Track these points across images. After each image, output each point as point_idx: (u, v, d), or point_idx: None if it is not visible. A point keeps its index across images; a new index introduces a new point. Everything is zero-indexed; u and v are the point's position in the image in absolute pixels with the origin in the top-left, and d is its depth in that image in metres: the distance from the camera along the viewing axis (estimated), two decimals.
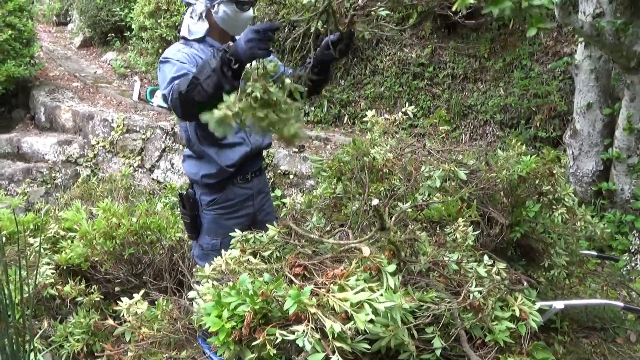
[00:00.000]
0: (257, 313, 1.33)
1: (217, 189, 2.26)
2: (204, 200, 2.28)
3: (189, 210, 2.29)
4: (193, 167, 2.26)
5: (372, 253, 1.42)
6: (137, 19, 6.99)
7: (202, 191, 2.28)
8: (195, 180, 2.28)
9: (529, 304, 1.62)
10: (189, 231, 2.37)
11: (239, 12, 2.09)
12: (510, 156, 2.35)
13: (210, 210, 2.29)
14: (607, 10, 4.03)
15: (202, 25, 2.12)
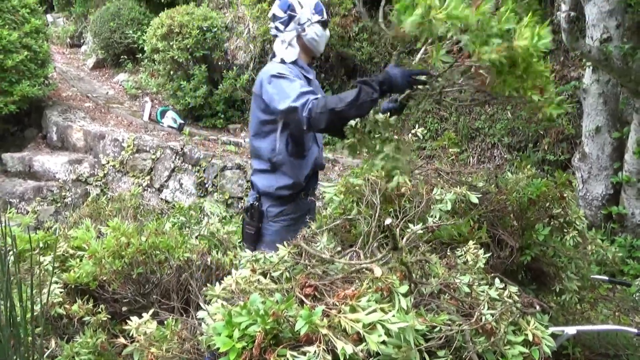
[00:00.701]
0: (268, 333, 1.33)
1: (287, 200, 2.44)
2: (271, 212, 2.44)
3: (256, 222, 2.44)
4: (267, 180, 2.42)
5: (384, 274, 1.42)
6: (150, 41, 7.13)
7: (271, 203, 2.44)
8: (268, 193, 2.43)
9: (542, 329, 1.60)
10: (250, 242, 2.49)
11: (324, 32, 2.42)
12: (520, 179, 2.35)
13: (277, 221, 2.45)
14: (614, 35, 4.07)
15: (292, 50, 2.38)
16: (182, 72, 7.26)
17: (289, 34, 2.37)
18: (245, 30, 8.13)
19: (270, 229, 2.46)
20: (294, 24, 2.35)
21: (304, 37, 2.36)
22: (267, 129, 2.39)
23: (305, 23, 2.35)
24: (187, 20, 6.98)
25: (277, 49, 2.42)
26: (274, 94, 2.21)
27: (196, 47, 6.96)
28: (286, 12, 2.36)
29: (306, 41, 2.38)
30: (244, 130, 7.51)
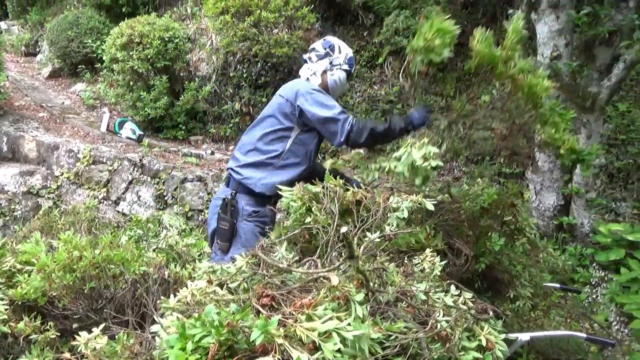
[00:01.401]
0: (222, 344, 1.30)
1: (265, 201, 2.58)
2: (246, 211, 2.57)
3: (230, 217, 2.56)
4: (256, 173, 2.58)
5: (341, 282, 1.42)
6: (109, 50, 6.97)
7: (247, 201, 2.58)
8: (249, 188, 2.57)
9: (495, 334, 1.63)
10: (224, 239, 2.58)
11: (345, 82, 2.76)
12: (475, 190, 2.42)
13: (251, 221, 2.58)
14: (563, 53, 4.27)
15: (315, 79, 2.71)
16: (142, 82, 7.12)
17: (318, 66, 2.69)
18: (208, 42, 8.08)
19: (244, 227, 2.57)
20: (327, 61, 2.69)
21: (329, 75, 2.69)
22: (280, 134, 2.60)
23: (336, 65, 2.69)
24: (148, 30, 6.87)
25: (303, 74, 2.75)
26: (315, 103, 2.49)
27: (157, 57, 6.86)
28: (325, 49, 2.71)
29: (329, 79, 2.70)
30: (206, 142, 7.42)
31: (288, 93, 2.61)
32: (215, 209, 2.67)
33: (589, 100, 4.09)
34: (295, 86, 2.62)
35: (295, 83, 2.69)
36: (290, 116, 2.59)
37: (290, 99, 2.58)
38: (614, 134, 5.43)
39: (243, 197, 2.60)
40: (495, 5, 7.06)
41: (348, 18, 7.68)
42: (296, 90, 2.57)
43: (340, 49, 2.72)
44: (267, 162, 2.60)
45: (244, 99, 7.48)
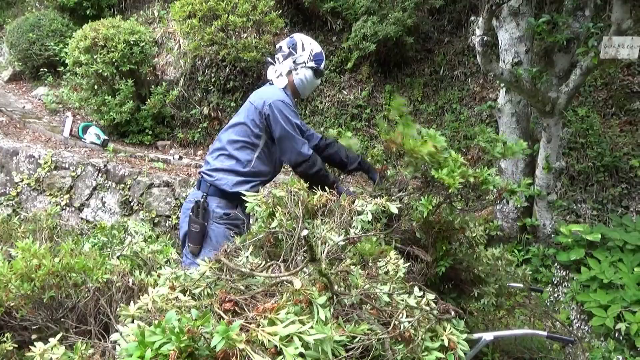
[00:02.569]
0: (182, 351, 1.28)
1: (235, 205, 2.58)
2: (217, 213, 2.58)
3: (201, 220, 2.56)
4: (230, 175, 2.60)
5: (303, 286, 1.41)
6: (72, 54, 6.78)
7: (218, 203, 2.59)
8: (222, 190, 2.58)
9: (457, 334, 1.66)
10: (195, 242, 2.59)
11: (314, 79, 2.72)
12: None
13: (222, 224, 2.59)
14: (524, 60, 4.41)
15: (282, 80, 2.67)
16: (107, 86, 6.96)
17: (283, 67, 2.66)
18: (176, 46, 7.97)
19: (215, 230, 2.58)
20: (291, 60, 2.65)
21: (295, 75, 2.67)
22: (250, 141, 2.62)
23: (300, 64, 2.65)
24: (113, 33, 6.73)
25: (270, 76, 2.72)
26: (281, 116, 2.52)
27: (122, 61, 6.72)
28: (289, 48, 2.67)
29: (295, 79, 2.67)
30: (174, 147, 7.31)
31: (257, 101, 2.61)
32: (187, 212, 2.66)
33: (549, 104, 4.22)
34: (265, 94, 2.62)
35: (265, 91, 2.68)
36: (259, 125, 2.60)
37: (259, 107, 2.58)
38: (574, 137, 5.62)
39: (214, 199, 2.61)
40: (461, 13, 7.22)
41: (317, 23, 7.72)
42: (265, 99, 2.57)
43: (304, 46, 2.67)
44: (236, 170, 2.62)
45: (212, 103, 7.41)
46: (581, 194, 5.41)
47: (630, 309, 3.69)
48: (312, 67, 2.67)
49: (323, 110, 7.24)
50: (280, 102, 2.55)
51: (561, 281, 4.33)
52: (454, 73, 7.05)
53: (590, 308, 3.82)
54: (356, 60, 7.07)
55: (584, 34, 4.23)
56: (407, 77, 7.19)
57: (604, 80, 6.07)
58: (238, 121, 2.67)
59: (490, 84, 6.72)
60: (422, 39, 7.32)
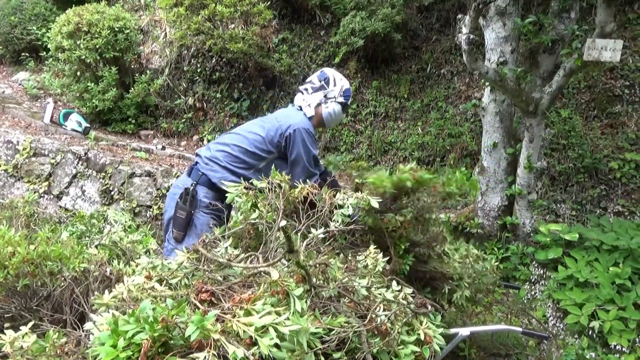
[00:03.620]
0: (156, 341, 1.26)
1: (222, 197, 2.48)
2: (203, 202, 2.61)
3: (188, 207, 2.59)
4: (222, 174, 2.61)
5: (281, 277, 1.41)
6: (55, 39, 6.63)
7: (206, 193, 2.62)
8: (212, 183, 2.60)
9: (434, 328, 1.67)
10: (180, 228, 2.61)
11: (341, 114, 2.85)
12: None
13: (207, 212, 2.61)
14: (509, 59, 4.44)
15: (309, 110, 2.78)
16: (90, 73, 6.83)
17: (313, 99, 2.78)
18: (162, 35, 7.86)
19: (201, 218, 2.61)
20: (322, 94, 2.77)
21: (324, 108, 2.78)
22: (259, 154, 2.66)
23: (330, 98, 2.78)
24: (97, 19, 6.59)
25: (297, 102, 2.84)
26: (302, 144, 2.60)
27: (106, 47, 6.59)
28: (320, 82, 2.79)
29: (323, 112, 2.79)
30: (157, 137, 7.22)
31: (284, 122, 2.68)
32: (174, 197, 2.68)
33: (532, 105, 4.26)
34: (294, 119, 2.70)
35: (294, 115, 2.76)
36: (276, 143, 2.66)
37: (283, 127, 2.65)
38: (556, 138, 5.69)
39: (203, 188, 2.64)
40: (449, 11, 7.25)
41: (305, 17, 7.67)
42: (291, 123, 2.65)
43: (336, 82, 2.80)
44: (234, 170, 2.65)
45: (197, 94, 7.33)
46: (561, 194, 5.49)
47: (604, 307, 3.77)
48: (341, 102, 2.81)
49: None
50: (305, 130, 2.64)
51: (539, 279, 4.39)
52: (441, 71, 7.08)
53: (565, 306, 3.88)
54: (344, 55, 7.05)
55: (568, 35, 4.27)
56: (394, 74, 7.20)
57: (587, 83, 6.16)
58: (257, 132, 2.71)
59: (476, 83, 6.76)
60: (410, 36, 7.33)
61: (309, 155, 2.63)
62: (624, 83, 5.92)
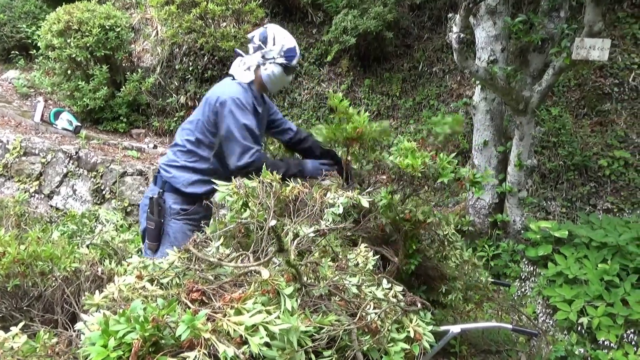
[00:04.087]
0: (147, 340, 1.26)
1: (194, 200, 2.51)
2: (174, 209, 2.49)
3: (156, 217, 2.46)
4: (185, 173, 2.49)
5: (272, 276, 1.42)
6: (45, 37, 6.59)
7: (175, 199, 2.49)
8: (177, 188, 2.48)
9: (423, 326, 1.68)
10: (152, 239, 2.49)
11: (283, 76, 2.54)
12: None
13: (180, 219, 2.49)
14: (499, 58, 4.47)
15: (248, 74, 2.52)
16: (81, 71, 6.80)
17: (251, 60, 2.51)
18: (153, 33, 7.83)
19: (173, 226, 2.49)
20: (259, 54, 2.49)
21: (263, 70, 2.50)
22: (208, 140, 2.50)
23: (269, 59, 2.48)
24: (88, 17, 6.56)
25: (235, 68, 2.56)
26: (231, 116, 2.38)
27: (97, 46, 6.56)
28: (259, 41, 2.50)
29: (262, 74, 2.51)
30: (149, 136, 7.20)
31: (212, 96, 2.48)
32: (145, 207, 2.57)
33: (522, 103, 4.30)
34: (220, 90, 2.49)
35: (221, 86, 2.54)
36: (212, 121, 2.47)
37: (212, 103, 2.46)
38: (547, 136, 5.75)
39: (170, 195, 2.51)
40: (441, 10, 7.27)
41: (297, 15, 7.67)
42: (218, 95, 2.44)
43: (275, 40, 2.48)
44: (193, 167, 2.51)
45: (189, 92, 7.31)
46: (551, 192, 5.55)
47: (593, 303, 3.81)
48: (281, 64, 2.49)
49: (301, 102, 7.22)
50: (233, 100, 2.39)
51: (529, 276, 4.43)
52: (433, 69, 7.11)
53: (555, 302, 3.92)
54: (336, 54, 7.06)
55: (558, 34, 4.31)
56: (386, 72, 7.22)
57: (577, 81, 6.21)
58: (196, 118, 2.54)
59: (467, 81, 6.80)
60: (402, 34, 7.35)
61: (239, 126, 2.37)
62: (613, 81, 5.98)
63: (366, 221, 2.15)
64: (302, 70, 7.37)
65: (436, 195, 2.56)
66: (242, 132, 2.37)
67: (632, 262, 4.02)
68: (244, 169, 2.33)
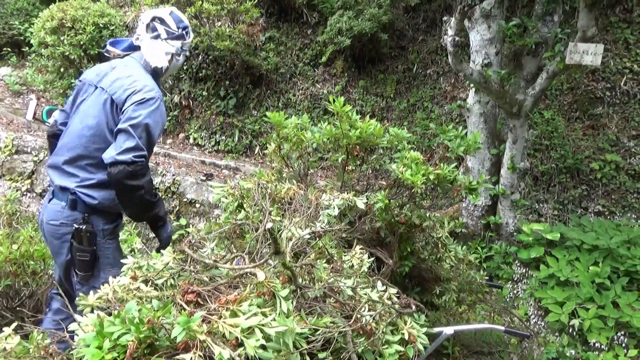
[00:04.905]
0: (142, 342, 1.26)
1: (119, 213, 2.25)
2: (107, 229, 2.18)
3: (88, 245, 2.11)
4: (108, 192, 2.12)
5: (267, 278, 1.42)
6: (38, 34, 6.54)
7: (106, 220, 2.18)
8: (105, 207, 2.15)
9: (418, 327, 1.69)
10: (86, 270, 2.13)
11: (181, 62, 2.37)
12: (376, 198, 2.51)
13: (113, 238, 2.23)
14: (494, 61, 4.49)
15: (163, 60, 2.26)
16: (74, 69, 6.75)
17: (170, 47, 2.26)
18: None
19: (109, 248, 2.19)
20: (180, 43, 2.29)
21: (177, 60, 2.31)
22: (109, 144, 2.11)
23: (185, 51, 2.34)
24: (82, 15, 6.52)
25: (149, 51, 2.25)
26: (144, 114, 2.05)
27: (91, 44, 6.52)
28: (178, 30, 2.28)
29: (174, 65, 2.31)
30: None
31: (127, 92, 2.10)
32: (64, 237, 2.13)
33: (516, 106, 4.33)
34: (141, 84, 2.12)
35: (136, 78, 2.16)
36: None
37: (119, 99, 2.10)
38: (539, 139, 5.79)
39: (98, 218, 2.15)
40: (436, 12, 7.31)
41: (293, 15, 7.67)
42: (138, 90, 2.10)
43: (190, 33, 2.33)
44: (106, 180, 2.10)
45: (183, 91, 7.28)
46: (543, 194, 5.59)
47: (584, 305, 3.85)
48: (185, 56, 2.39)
49: (296, 102, 7.22)
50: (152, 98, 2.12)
51: (521, 278, 4.46)
52: (427, 71, 7.13)
53: (547, 304, 3.95)
54: (331, 55, 7.06)
55: (552, 39, 4.35)
56: (381, 74, 7.23)
57: (569, 85, 6.26)
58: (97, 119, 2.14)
59: (461, 84, 6.83)
60: (396, 36, 7.37)
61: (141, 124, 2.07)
62: (605, 85, 6.04)
63: (361, 223, 2.15)
64: (296, 70, 7.37)
65: (430, 199, 2.58)
66: (140, 132, 2.03)
67: (623, 265, 4.06)
68: (133, 164, 1.96)
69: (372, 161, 2.55)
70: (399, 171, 2.12)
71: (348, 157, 2.50)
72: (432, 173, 2.13)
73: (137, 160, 1.98)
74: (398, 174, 2.11)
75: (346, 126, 2.36)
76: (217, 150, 7.05)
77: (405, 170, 2.10)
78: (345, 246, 2.16)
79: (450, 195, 2.48)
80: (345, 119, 2.37)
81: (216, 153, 7.01)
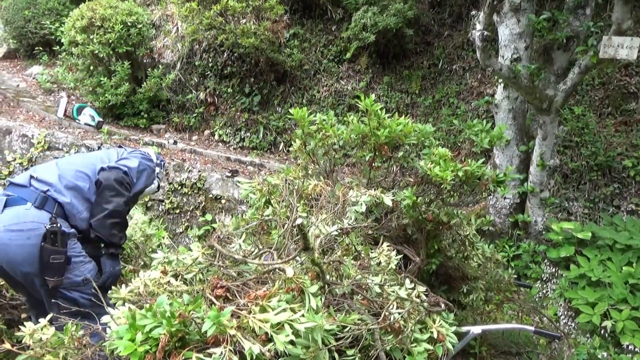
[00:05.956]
0: (173, 336, 1.28)
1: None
2: (72, 234, 2.19)
3: (62, 246, 2.08)
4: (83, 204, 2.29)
5: (296, 274, 1.42)
6: (68, 33, 6.70)
7: (66, 225, 2.20)
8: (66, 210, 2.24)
9: (446, 326, 1.67)
10: (58, 274, 2.07)
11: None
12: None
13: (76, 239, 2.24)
14: (523, 56, 4.39)
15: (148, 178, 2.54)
16: (103, 67, 6.89)
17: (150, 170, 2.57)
18: (174, 29, 7.89)
19: (76, 247, 2.19)
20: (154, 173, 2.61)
21: (151, 187, 2.59)
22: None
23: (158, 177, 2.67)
24: (110, 13, 6.64)
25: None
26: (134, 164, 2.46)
27: (119, 42, 6.64)
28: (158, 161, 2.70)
29: (151, 187, 2.59)
30: (169, 131, 7.27)
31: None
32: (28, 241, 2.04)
33: (546, 102, 4.23)
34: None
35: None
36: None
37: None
38: (569, 136, 5.64)
39: (63, 220, 2.17)
40: (462, 6, 7.19)
41: (317, 12, 7.66)
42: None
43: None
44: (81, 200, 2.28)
45: (209, 88, 7.36)
46: (573, 192, 5.44)
47: (617, 307, 3.74)
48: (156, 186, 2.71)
49: (320, 99, 7.21)
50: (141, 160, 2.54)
51: (550, 278, 4.36)
52: (453, 67, 7.03)
53: (577, 305, 3.86)
54: (355, 51, 7.03)
55: (584, 32, 4.22)
56: (406, 70, 7.16)
57: (601, 80, 6.08)
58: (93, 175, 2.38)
59: (488, 79, 6.71)
60: (422, 31, 7.28)
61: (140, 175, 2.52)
62: (639, 80, 5.84)
63: (388, 220, 2.13)
64: (321, 67, 7.36)
65: (458, 196, 2.54)
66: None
67: None
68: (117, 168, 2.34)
69: (399, 158, 2.52)
70: (427, 168, 2.09)
71: (375, 154, 2.48)
72: (461, 169, 2.09)
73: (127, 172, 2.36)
74: (426, 170, 2.09)
75: (374, 123, 2.33)
76: (242, 146, 7.10)
77: (433, 167, 2.07)
78: (372, 243, 2.15)
79: (477, 192, 2.43)
80: (374, 117, 2.35)
81: (241, 150, 7.07)
